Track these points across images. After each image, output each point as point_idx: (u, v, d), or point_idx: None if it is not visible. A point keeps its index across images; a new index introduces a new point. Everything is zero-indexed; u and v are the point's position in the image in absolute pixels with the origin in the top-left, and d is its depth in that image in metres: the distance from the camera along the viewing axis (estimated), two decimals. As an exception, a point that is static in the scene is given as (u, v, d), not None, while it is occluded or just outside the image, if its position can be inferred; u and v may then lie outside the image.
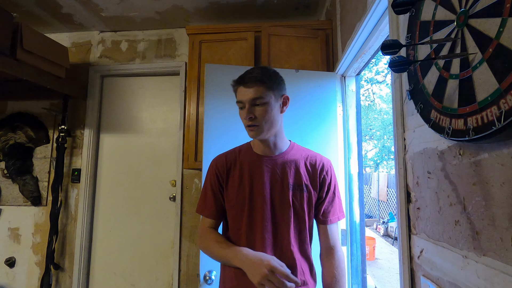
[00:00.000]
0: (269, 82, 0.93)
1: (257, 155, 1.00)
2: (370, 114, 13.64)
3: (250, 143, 1.05)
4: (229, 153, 1.05)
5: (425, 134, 0.71)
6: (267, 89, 0.92)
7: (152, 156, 2.36)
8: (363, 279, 1.60)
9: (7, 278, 2.28)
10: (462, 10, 0.54)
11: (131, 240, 2.29)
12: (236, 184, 0.98)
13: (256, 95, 0.91)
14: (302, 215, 0.96)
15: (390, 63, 0.63)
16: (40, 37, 1.96)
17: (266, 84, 0.92)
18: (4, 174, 2.34)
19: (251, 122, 0.92)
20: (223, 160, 1.02)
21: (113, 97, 2.46)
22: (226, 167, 1.00)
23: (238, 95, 0.95)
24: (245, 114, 0.92)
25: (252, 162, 0.99)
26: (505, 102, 0.42)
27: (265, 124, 0.93)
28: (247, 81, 0.92)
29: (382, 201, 9.36)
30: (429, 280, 0.69)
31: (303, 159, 1.01)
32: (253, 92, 0.91)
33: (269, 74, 0.94)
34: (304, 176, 0.98)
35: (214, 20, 2.27)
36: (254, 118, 0.92)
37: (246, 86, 0.92)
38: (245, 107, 0.93)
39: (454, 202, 0.60)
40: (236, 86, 0.95)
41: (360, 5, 1.27)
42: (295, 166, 0.99)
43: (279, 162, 0.99)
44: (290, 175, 0.97)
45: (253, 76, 0.92)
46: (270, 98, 0.93)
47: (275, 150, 1.00)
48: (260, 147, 1.00)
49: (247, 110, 0.92)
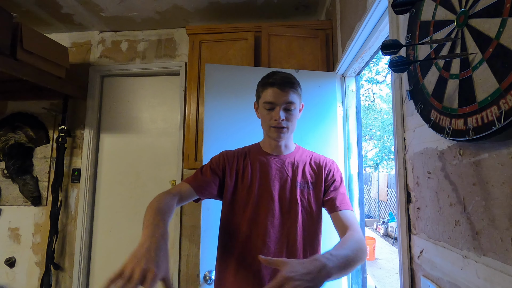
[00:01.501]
0: (299, 89, 0.99)
1: (267, 153, 1.04)
2: (370, 114, 13.63)
3: (260, 144, 1.08)
4: (239, 150, 1.08)
5: (425, 134, 0.71)
6: (298, 95, 0.98)
7: (152, 156, 2.36)
8: (363, 279, 1.60)
9: (7, 278, 2.28)
10: (462, 10, 0.54)
11: (131, 240, 2.29)
12: (246, 180, 0.99)
13: (291, 99, 0.95)
14: (310, 211, 0.98)
15: (390, 63, 0.63)
16: (40, 37, 1.96)
17: (297, 91, 0.98)
18: (4, 174, 2.34)
19: (281, 124, 0.95)
20: (235, 154, 1.04)
21: (113, 97, 2.46)
22: (235, 160, 1.02)
23: (268, 96, 0.95)
24: (277, 116, 0.94)
25: (262, 160, 1.02)
26: (505, 102, 0.42)
27: (291, 128, 0.99)
28: (284, 84, 0.94)
29: (382, 201, 9.37)
30: (429, 280, 0.69)
31: (308, 159, 1.05)
32: (288, 96, 0.94)
33: (298, 82, 0.99)
34: (309, 174, 1.01)
35: (214, 20, 2.27)
36: (284, 121, 0.95)
37: (281, 89, 0.94)
38: (274, 108, 0.95)
39: (454, 202, 0.60)
40: (268, 86, 0.96)
41: (360, 5, 1.27)
42: (302, 165, 1.02)
43: (288, 161, 1.02)
44: (298, 173, 1.00)
45: (288, 81, 0.95)
46: (298, 104, 0.99)
47: (285, 150, 1.04)
48: (271, 147, 1.04)
49: (279, 112, 0.94)
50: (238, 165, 1.02)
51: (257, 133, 1.12)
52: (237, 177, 1.00)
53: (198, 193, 0.95)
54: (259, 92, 1.01)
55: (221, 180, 1.00)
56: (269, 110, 0.96)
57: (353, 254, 0.76)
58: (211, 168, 1.00)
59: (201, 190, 0.96)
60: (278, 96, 0.94)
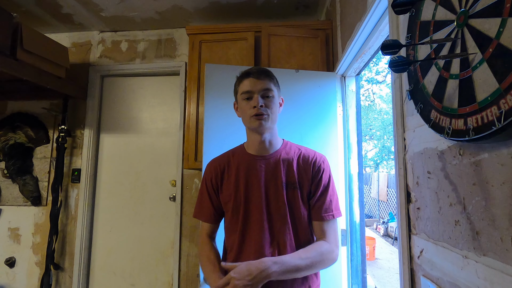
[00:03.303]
0: (275, 80, 1.01)
1: (251, 155, 1.00)
2: (370, 114, 13.63)
3: (244, 145, 1.05)
4: (221, 156, 1.07)
5: (425, 134, 0.71)
6: (274, 85, 0.99)
7: (152, 156, 2.36)
8: (363, 279, 1.60)
9: (7, 278, 2.28)
10: (462, 10, 0.54)
11: (131, 240, 2.29)
12: (231, 185, 0.98)
13: (268, 86, 0.96)
14: (298, 212, 0.96)
15: (390, 63, 0.63)
16: (40, 37, 1.96)
17: (273, 81, 0.99)
18: (4, 174, 2.34)
19: (260, 111, 0.93)
20: (216, 164, 1.04)
21: (113, 97, 2.46)
22: (220, 170, 1.02)
23: (245, 86, 0.96)
24: (255, 102, 0.93)
25: (247, 162, 0.99)
26: (505, 102, 0.42)
27: (272, 115, 0.96)
28: (258, 74, 0.96)
29: (382, 201, 9.36)
30: (429, 280, 0.69)
31: (295, 156, 1.00)
32: (264, 83, 0.95)
33: (274, 75, 1.01)
34: (296, 174, 0.97)
35: (214, 20, 2.27)
36: (264, 107, 0.94)
37: (257, 77, 0.96)
38: (252, 97, 0.95)
39: (454, 202, 0.60)
40: (244, 78, 0.97)
41: (360, 5, 1.27)
42: (288, 164, 0.98)
43: (273, 161, 0.99)
44: (283, 173, 0.97)
45: (263, 71, 0.97)
46: (276, 94, 0.98)
47: (270, 148, 1.00)
48: (254, 146, 1.00)
49: (258, 99, 0.94)
50: (224, 175, 1.01)
51: (257, 133, 1.11)
52: (227, 186, 1.00)
53: (216, 222, 1.04)
54: (236, 88, 1.01)
55: (218, 196, 1.02)
56: (247, 100, 0.95)
57: (305, 264, 0.87)
58: (209, 195, 1.02)
59: (215, 219, 1.03)
60: (255, 84, 0.95)
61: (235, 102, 1.04)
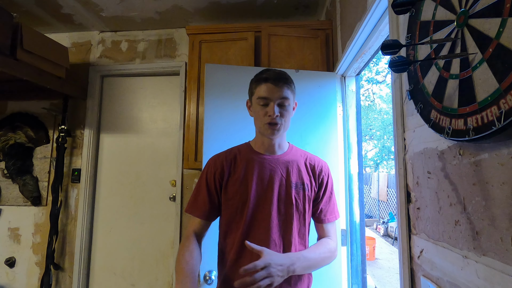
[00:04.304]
0: (293, 86, 0.98)
1: (260, 154, 1.00)
2: (370, 114, 13.64)
3: (250, 143, 1.05)
4: (227, 152, 1.04)
5: (425, 134, 0.71)
6: (291, 92, 0.96)
7: (152, 156, 2.36)
8: (363, 279, 1.60)
9: (7, 278, 2.28)
10: (462, 10, 0.54)
11: (131, 240, 2.29)
12: (238, 182, 0.97)
13: (285, 95, 0.93)
14: (302, 212, 0.98)
15: (390, 63, 0.63)
16: (40, 37, 1.96)
17: (291, 87, 0.96)
18: (4, 174, 2.34)
19: (275, 121, 0.92)
20: (222, 158, 1.01)
21: (113, 97, 2.46)
22: (226, 165, 0.99)
23: (262, 92, 0.93)
24: (271, 111, 0.92)
25: (256, 160, 0.99)
26: (505, 102, 0.42)
27: (285, 125, 0.96)
28: (278, 80, 0.93)
29: (382, 201, 9.36)
30: (429, 280, 0.69)
31: (302, 159, 1.03)
32: (282, 91, 0.93)
33: (291, 79, 0.98)
34: (305, 175, 1.00)
35: (214, 20, 2.27)
36: (279, 117, 0.93)
37: (276, 84, 0.92)
38: (268, 104, 0.93)
39: (454, 202, 0.60)
40: (262, 82, 0.94)
41: (360, 5, 1.27)
42: (297, 165, 1.01)
43: (282, 161, 1.00)
44: (292, 173, 0.99)
45: (282, 77, 0.94)
46: (291, 101, 0.97)
47: (278, 150, 1.02)
48: (263, 146, 1.00)
49: (274, 108, 0.91)
50: (230, 169, 0.99)
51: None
52: (234, 183, 0.97)
53: (209, 220, 1.00)
54: (252, 88, 0.98)
55: (219, 192, 0.99)
56: (263, 106, 0.93)
57: (320, 258, 0.92)
58: (208, 190, 0.98)
59: (209, 216, 0.99)
60: (272, 91, 0.92)
61: (248, 101, 1.02)
